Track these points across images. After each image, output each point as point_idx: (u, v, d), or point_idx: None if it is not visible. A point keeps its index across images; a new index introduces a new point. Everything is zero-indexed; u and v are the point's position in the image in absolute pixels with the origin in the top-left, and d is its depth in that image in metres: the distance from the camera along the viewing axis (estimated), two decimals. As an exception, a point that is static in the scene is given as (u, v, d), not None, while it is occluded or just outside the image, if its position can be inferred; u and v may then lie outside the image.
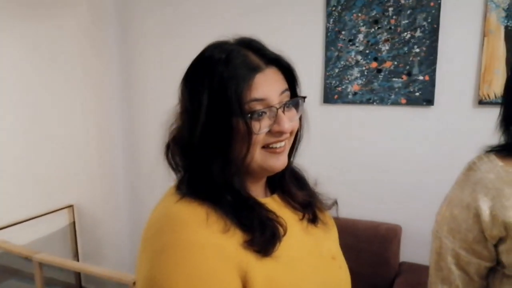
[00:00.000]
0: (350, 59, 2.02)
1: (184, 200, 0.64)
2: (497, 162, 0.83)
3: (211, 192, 0.64)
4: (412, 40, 1.90)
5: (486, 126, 1.83)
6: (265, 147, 0.67)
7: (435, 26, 1.85)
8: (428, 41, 1.87)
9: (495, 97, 1.80)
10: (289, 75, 0.71)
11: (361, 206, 2.14)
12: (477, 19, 1.80)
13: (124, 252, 2.76)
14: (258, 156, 0.67)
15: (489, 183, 0.81)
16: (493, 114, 1.80)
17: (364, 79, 2.01)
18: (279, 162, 0.69)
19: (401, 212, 2.08)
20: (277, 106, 0.65)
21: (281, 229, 0.66)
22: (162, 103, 2.59)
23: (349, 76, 2.04)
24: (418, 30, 1.88)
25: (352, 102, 2.06)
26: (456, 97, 1.89)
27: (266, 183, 0.78)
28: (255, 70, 0.64)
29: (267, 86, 0.64)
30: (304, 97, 0.72)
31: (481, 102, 1.83)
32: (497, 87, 1.79)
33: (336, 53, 2.05)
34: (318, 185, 0.85)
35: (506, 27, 1.75)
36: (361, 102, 2.04)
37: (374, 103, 2.02)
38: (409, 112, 1.98)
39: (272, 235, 0.64)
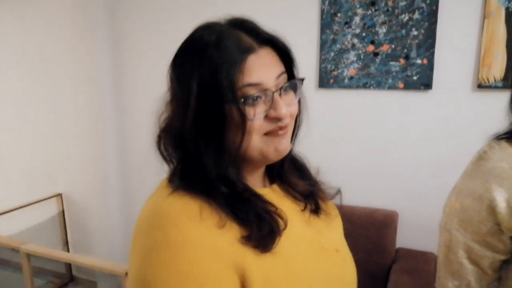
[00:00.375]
0: (346, 42, 1.97)
1: (176, 193, 0.60)
2: (510, 151, 0.79)
3: (204, 184, 0.60)
4: (410, 23, 1.84)
5: (485, 111, 1.82)
6: (267, 134, 0.63)
7: (434, 8, 1.80)
8: (426, 24, 1.82)
9: (495, 81, 1.76)
10: (285, 56, 0.66)
11: (357, 192, 2.12)
12: (477, 0, 1.75)
13: (115, 241, 2.72)
14: (259, 143, 0.62)
15: (503, 173, 0.76)
16: (492, 98, 1.80)
17: (360, 63, 1.96)
18: (281, 146, 0.64)
19: (397, 197, 2.06)
20: (273, 89, 0.61)
21: (281, 222, 0.62)
22: (155, 91, 2.52)
23: (345, 60, 1.98)
24: (417, 12, 1.83)
25: (348, 86, 2.01)
26: (455, 81, 1.85)
27: (265, 172, 0.73)
28: (247, 51, 0.59)
29: (261, 69, 0.60)
30: (302, 79, 0.67)
31: (480, 86, 1.80)
32: (496, 71, 1.75)
33: (332, 36, 1.99)
34: (320, 173, 0.81)
35: (507, 9, 1.70)
36: (357, 87, 1.99)
37: (371, 88, 1.97)
38: (407, 97, 1.94)
39: (270, 230, 0.60)
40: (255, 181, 0.70)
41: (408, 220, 2.05)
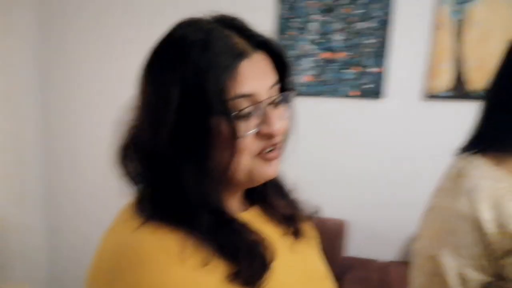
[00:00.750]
0: (302, 49, 1.93)
1: (149, 225, 0.49)
2: (489, 167, 0.76)
3: (184, 212, 0.50)
4: (366, 31, 1.85)
5: (435, 120, 1.87)
6: (257, 155, 0.55)
7: (388, 17, 1.82)
8: (381, 32, 1.84)
9: (443, 90, 1.82)
10: (278, 63, 0.58)
11: (306, 201, 2.08)
12: (428, 12, 1.80)
13: (38, 266, 2.44)
14: (248, 165, 0.54)
15: (487, 191, 0.73)
16: (441, 107, 1.85)
17: (316, 70, 1.93)
18: (272, 169, 0.56)
19: (346, 206, 2.05)
20: (267, 102, 0.53)
21: (269, 254, 0.54)
22: (88, 92, 2.33)
23: (300, 66, 1.95)
24: (372, 21, 1.84)
25: (304, 94, 1.97)
26: (406, 90, 1.89)
27: (243, 193, 0.65)
28: (241, 55, 0.51)
29: (255, 77, 0.52)
30: (295, 90, 0.60)
31: (429, 96, 1.84)
32: (445, 81, 1.81)
33: (288, 42, 1.94)
34: (296, 190, 0.74)
35: (455, 21, 1.76)
36: (312, 94, 1.96)
37: (326, 95, 1.95)
38: (361, 105, 1.94)
39: (262, 264, 0.52)
40: (235, 205, 0.61)
41: (356, 228, 2.04)
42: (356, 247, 2.05)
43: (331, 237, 1.98)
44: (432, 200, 0.83)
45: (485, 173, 0.75)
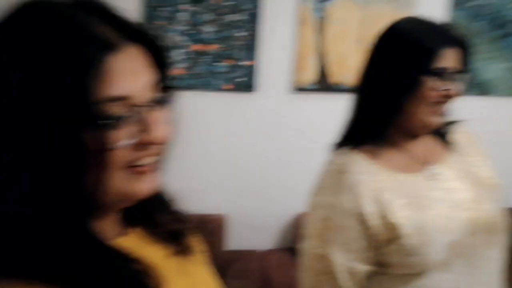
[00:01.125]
0: (172, 40, 1.83)
1: None
2: (366, 161, 0.80)
3: (44, 258, 0.39)
4: (237, 23, 1.85)
5: (302, 111, 1.98)
6: (130, 167, 0.44)
7: (257, 11, 1.84)
8: (251, 26, 1.85)
9: (309, 83, 1.92)
10: (156, 57, 0.48)
11: (182, 198, 2.01)
12: (293, 8, 1.88)
13: None
14: (120, 181, 0.43)
15: (366, 185, 0.77)
16: (308, 100, 1.96)
17: (187, 63, 1.86)
18: (146, 185, 0.46)
19: (223, 200, 2.05)
20: (145, 105, 0.43)
21: (156, 285, 0.45)
22: None
23: (170, 59, 1.85)
24: (242, 14, 1.84)
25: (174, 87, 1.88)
26: (276, 83, 1.95)
27: (121, 213, 0.54)
28: (108, 48, 0.40)
29: (128, 75, 0.41)
30: (177, 88, 0.52)
31: (296, 89, 1.94)
32: (310, 75, 1.92)
33: (156, 32, 1.82)
34: (178, 198, 0.66)
35: (317, 18, 1.87)
36: (184, 88, 1.88)
37: (198, 89, 1.89)
38: (233, 98, 1.94)
39: None
40: (110, 230, 0.50)
41: (235, 221, 2.06)
42: (236, 240, 2.06)
43: (211, 233, 1.95)
44: (313, 198, 0.83)
45: (363, 168, 0.79)
